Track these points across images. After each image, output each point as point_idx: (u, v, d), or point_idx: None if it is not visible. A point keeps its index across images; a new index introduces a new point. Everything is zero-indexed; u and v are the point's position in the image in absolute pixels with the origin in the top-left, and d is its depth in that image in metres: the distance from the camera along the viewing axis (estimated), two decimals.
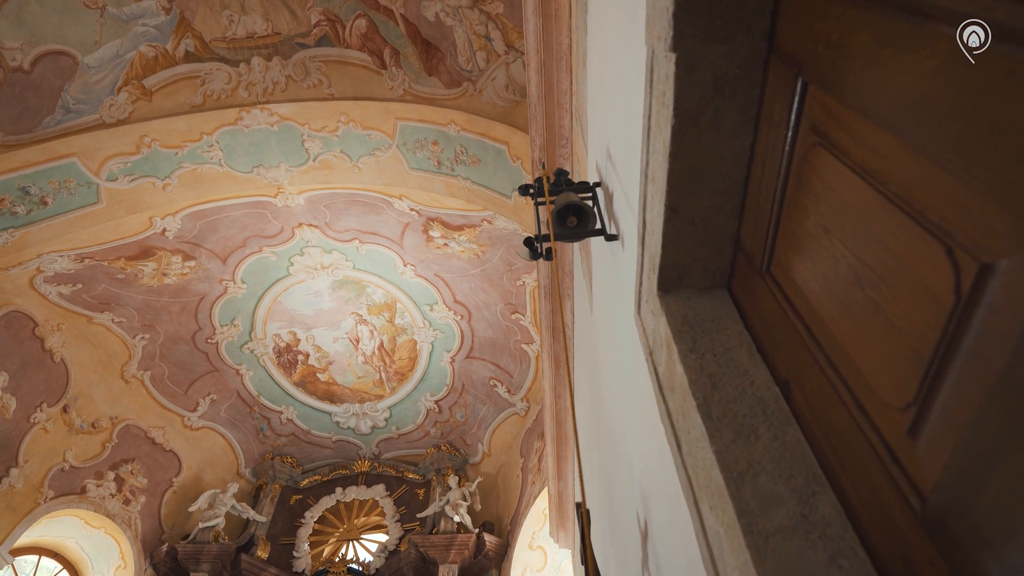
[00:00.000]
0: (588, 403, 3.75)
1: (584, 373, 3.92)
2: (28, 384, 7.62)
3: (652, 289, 1.51)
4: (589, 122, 2.62)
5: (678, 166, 1.29)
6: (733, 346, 1.28)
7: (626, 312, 1.92)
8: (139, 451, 9.05)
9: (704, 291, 1.46)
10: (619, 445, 2.34)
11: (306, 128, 7.01)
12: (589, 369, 3.58)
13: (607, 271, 2.31)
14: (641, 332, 1.65)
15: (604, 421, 2.80)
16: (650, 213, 1.46)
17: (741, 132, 1.25)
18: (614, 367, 2.31)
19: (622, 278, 1.98)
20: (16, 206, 6.64)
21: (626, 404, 2.10)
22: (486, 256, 8.23)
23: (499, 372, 9.54)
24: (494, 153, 6.20)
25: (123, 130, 6.73)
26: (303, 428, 10.46)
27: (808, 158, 1.03)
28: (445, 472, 9.73)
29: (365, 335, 9.62)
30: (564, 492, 5.80)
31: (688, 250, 1.40)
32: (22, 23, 6.24)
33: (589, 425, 3.74)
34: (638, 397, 1.84)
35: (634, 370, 1.88)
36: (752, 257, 1.31)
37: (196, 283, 8.73)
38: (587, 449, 4.18)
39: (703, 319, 1.37)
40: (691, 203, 1.34)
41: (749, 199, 1.31)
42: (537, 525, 8.15)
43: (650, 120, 1.39)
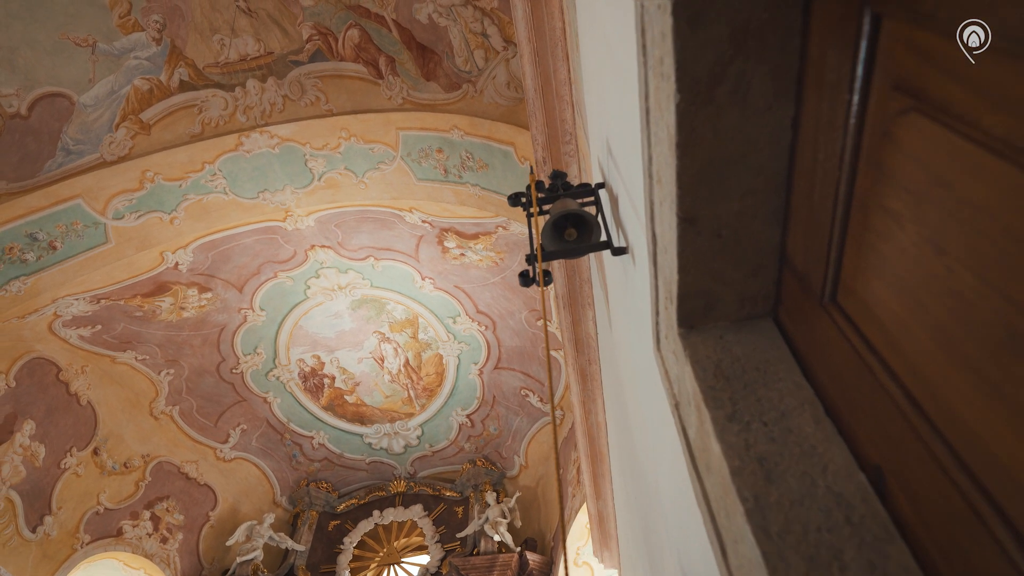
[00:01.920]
0: (618, 426, 3.37)
1: (612, 392, 3.55)
2: (56, 430, 7.57)
3: (671, 324, 1.14)
4: (588, 112, 2.25)
5: (691, 161, 0.92)
6: (791, 408, 0.90)
7: (644, 343, 1.55)
8: (173, 487, 8.96)
9: (741, 325, 1.08)
10: (653, 493, 1.96)
11: (307, 147, 6.78)
12: (615, 388, 3.20)
13: (620, 288, 1.94)
14: (663, 375, 1.28)
15: (635, 455, 2.43)
16: (660, 225, 1.10)
17: (777, 104, 0.88)
18: (639, 402, 1.93)
19: (636, 300, 1.61)
20: (26, 253, 6.56)
21: (656, 450, 1.73)
22: (505, 263, 7.89)
23: (529, 381, 9.18)
24: (501, 156, 5.86)
25: (125, 167, 6.60)
26: (336, 452, 10.27)
27: (893, 133, 0.66)
28: (482, 488, 9.41)
29: (389, 353, 9.37)
30: (604, 512, 5.41)
31: (715, 272, 1.03)
32: (15, 68, 6.15)
33: (621, 450, 3.36)
34: (668, 451, 1.47)
35: (660, 415, 1.51)
36: (807, 279, 0.93)
37: (215, 314, 8.59)
38: (620, 473, 3.80)
39: (743, 367, 0.99)
40: (713, 210, 0.97)
41: (796, 197, 0.93)
42: (581, 540, 7.76)
43: (648, 100, 1.02)
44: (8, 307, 6.72)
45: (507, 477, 9.74)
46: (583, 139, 2.83)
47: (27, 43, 6.06)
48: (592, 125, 2.17)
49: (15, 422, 7.09)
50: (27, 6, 5.91)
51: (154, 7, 6.22)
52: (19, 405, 7.16)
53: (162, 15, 6.26)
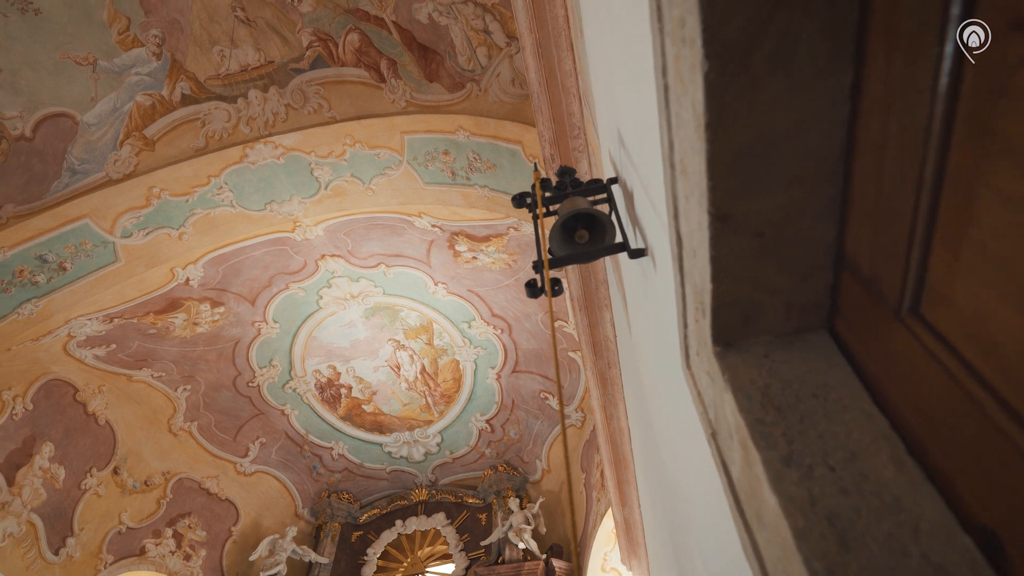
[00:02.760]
0: (642, 433, 3.18)
1: (634, 397, 3.36)
2: (75, 451, 7.55)
3: (704, 340, 0.96)
4: (596, 102, 2.07)
5: (724, 145, 0.74)
6: (863, 447, 0.72)
7: (669, 357, 1.37)
8: (195, 504, 8.92)
9: (789, 340, 0.90)
10: (684, 516, 1.78)
11: (313, 156, 6.67)
12: (638, 395, 3.02)
13: (639, 292, 1.76)
14: (695, 396, 1.10)
15: (662, 470, 2.24)
16: (686, 224, 0.92)
17: (831, 69, 0.70)
18: (665, 416, 1.75)
19: (658, 308, 1.43)
20: (36, 276, 6.53)
21: (686, 472, 1.55)
22: (518, 264, 7.72)
23: (548, 383, 9.01)
24: (508, 155, 5.69)
25: (131, 184, 6.54)
26: (356, 462, 10.18)
27: (1011, 88, 0.48)
28: (505, 494, 9.25)
29: (405, 361, 9.25)
30: (631, 519, 5.22)
31: (756, 279, 0.85)
32: (18, 90, 6.12)
33: (646, 459, 3.18)
34: (702, 479, 1.29)
35: (691, 438, 1.33)
36: (876, 284, 0.75)
37: (228, 328, 8.53)
38: (645, 481, 3.62)
39: (797, 393, 0.81)
40: (752, 204, 0.79)
41: (858, 184, 0.75)
42: (608, 546, 7.57)
43: (666, 75, 0.85)
44: (21, 330, 6.69)
45: (530, 482, 9.57)
46: (592, 132, 2.66)
47: (28, 64, 6.03)
48: (601, 115, 1.99)
49: (34, 445, 7.08)
50: (26, 27, 5.87)
51: (152, 22, 6.15)
52: (37, 427, 7.14)
53: (161, 29, 6.19)
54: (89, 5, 5.93)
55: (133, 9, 6.03)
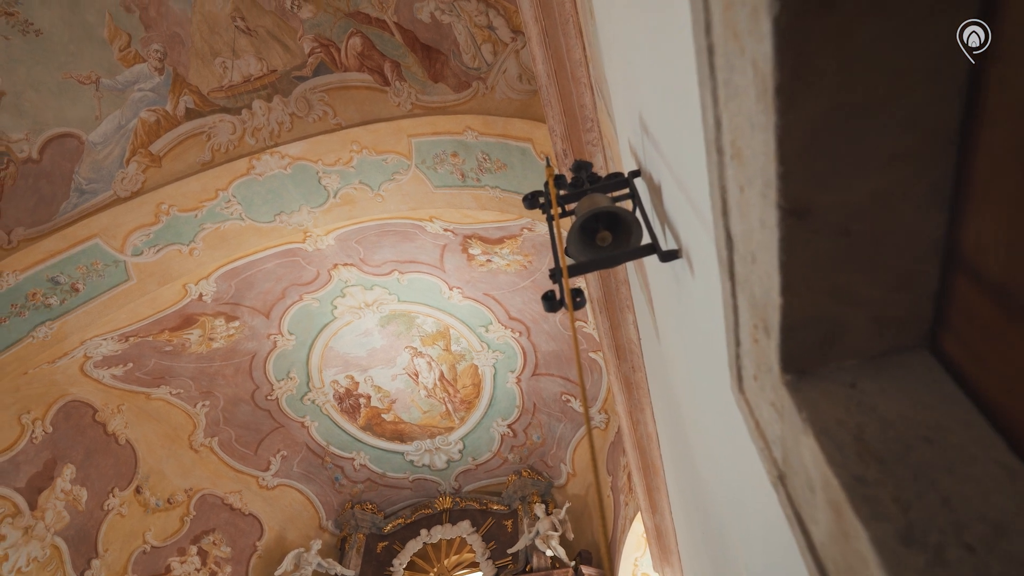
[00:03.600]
0: (673, 443, 2.98)
1: (663, 404, 3.16)
2: (96, 472, 7.51)
3: (768, 365, 0.77)
4: (611, 88, 1.88)
5: (802, 115, 0.56)
6: (1010, 516, 0.53)
7: (713, 376, 1.18)
8: (219, 520, 8.86)
9: (880, 364, 0.71)
10: (731, 552, 1.59)
11: (319, 164, 6.55)
12: (667, 401, 2.82)
13: (670, 298, 1.57)
14: (751, 427, 0.91)
15: (700, 492, 2.05)
16: (741, 221, 0.73)
17: (950, 2, 0.51)
18: (707, 440, 1.56)
19: (696, 318, 1.24)
20: (49, 298, 6.49)
21: (734, 505, 1.35)
22: (534, 265, 7.54)
23: (570, 386, 8.81)
24: (519, 154, 5.51)
25: (139, 201, 6.47)
26: (378, 472, 10.06)
27: None
28: (530, 499, 9.07)
29: (423, 368, 9.11)
30: (662, 526, 5.01)
31: (839, 289, 0.66)
32: (23, 113, 6.08)
33: (679, 470, 2.98)
34: (758, 520, 1.10)
35: (743, 471, 1.13)
36: (1006, 291, 0.55)
37: (244, 342, 8.46)
38: (678, 491, 3.41)
39: (904, 438, 0.62)
40: (837, 194, 0.60)
41: (984, 159, 0.56)
42: (638, 551, 7.36)
43: (711, 32, 0.66)
44: (37, 353, 6.66)
45: (555, 487, 9.38)
46: (607, 123, 2.47)
47: (31, 86, 5.99)
48: (618, 102, 1.81)
49: (55, 467, 7.05)
50: (28, 49, 5.82)
51: (153, 37, 6.08)
52: (58, 450, 7.11)
53: (162, 44, 6.12)
54: (89, 23, 5.87)
55: (133, 25, 5.96)
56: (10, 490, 6.54)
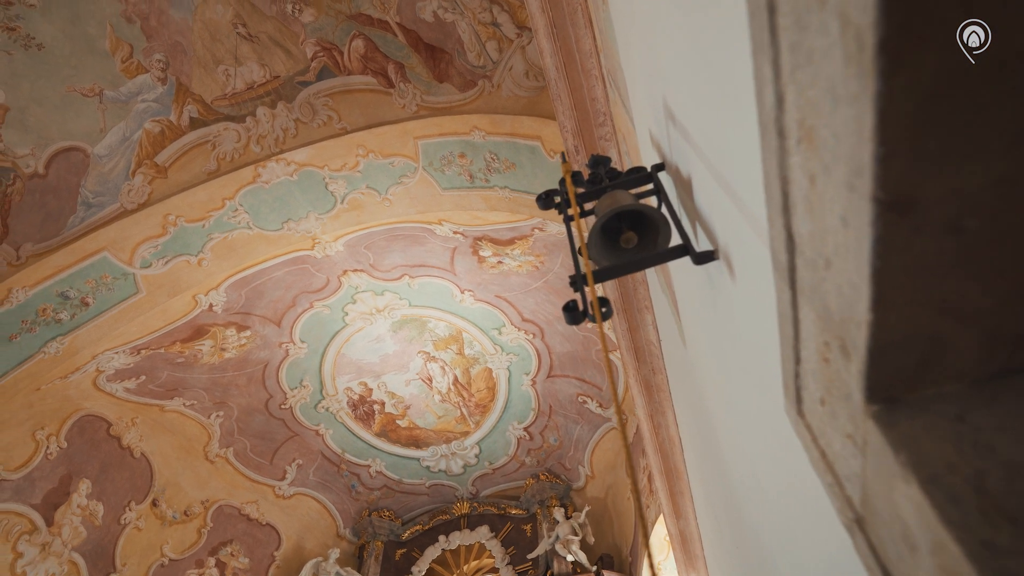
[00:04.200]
0: (699, 449, 2.84)
1: (686, 408, 3.02)
2: (112, 486, 7.48)
3: (845, 392, 0.64)
4: (627, 76, 1.75)
5: (911, 78, 0.42)
6: None
7: (762, 393, 1.05)
8: (236, 530, 8.81)
9: (991, 388, 0.57)
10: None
11: (326, 170, 6.46)
12: (693, 408, 2.68)
13: (701, 303, 1.44)
14: (816, 459, 0.78)
15: (739, 509, 1.91)
16: (809, 219, 0.60)
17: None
18: (748, 462, 1.42)
19: (737, 327, 1.11)
20: (59, 313, 6.45)
21: (789, 540, 1.22)
22: (546, 266, 7.41)
23: (586, 387, 8.67)
24: (528, 152, 5.38)
25: (146, 213, 6.41)
26: (394, 478, 9.97)
27: None
28: (549, 503, 8.94)
29: (437, 372, 9.01)
30: (687, 531, 4.86)
31: (945, 300, 0.53)
32: (27, 128, 6.05)
33: (707, 478, 2.83)
34: (817, 560, 0.96)
35: (804, 505, 1.00)
36: None
37: (256, 352, 8.40)
38: (705, 498, 3.27)
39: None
40: (949, 182, 0.47)
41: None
42: (661, 554, 7.20)
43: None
44: (49, 369, 6.63)
45: (573, 489, 9.24)
46: (622, 116, 2.33)
47: (35, 100, 5.95)
48: (636, 91, 1.67)
49: (71, 483, 7.02)
50: (31, 63, 5.78)
51: (155, 47, 6.02)
52: (73, 465, 7.08)
53: (164, 53, 6.05)
54: (90, 35, 5.81)
55: (134, 35, 5.90)
56: (26, 507, 6.51)
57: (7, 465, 6.46)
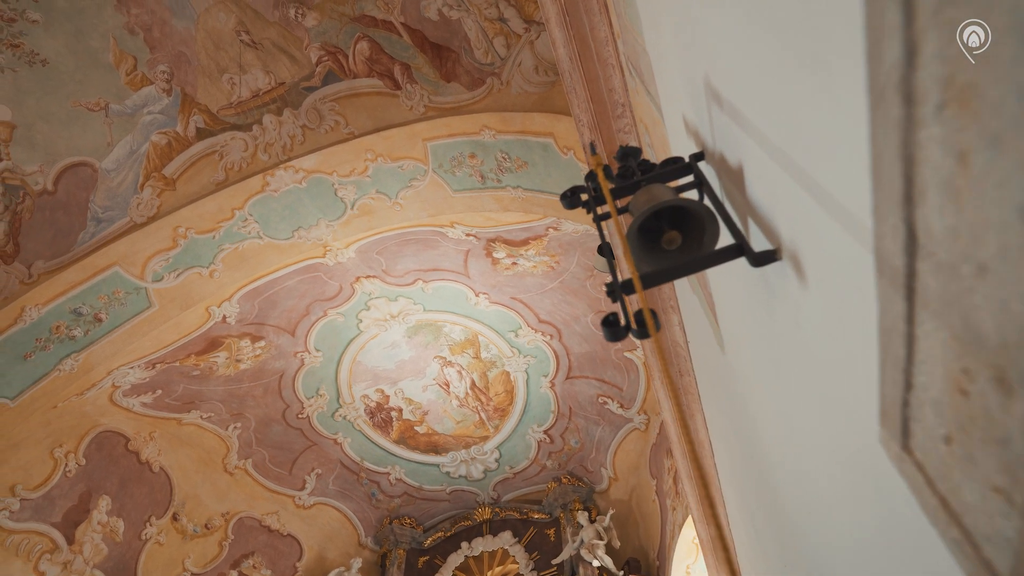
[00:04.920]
0: (735, 453, 2.68)
1: (718, 413, 2.86)
2: (132, 501, 7.44)
3: (1001, 436, 0.49)
4: (653, 59, 1.59)
5: None
6: None
7: (844, 417, 0.89)
8: (257, 542, 8.75)
9: None
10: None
11: (335, 176, 6.36)
12: (729, 414, 2.52)
13: (754, 307, 1.28)
14: (934, 507, 0.63)
15: (788, 529, 1.75)
16: (948, 211, 0.45)
17: None
18: (811, 486, 1.26)
19: (806, 339, 0.95)
20: (72, 330, 6.41)
21: None
22: (562, 266, 7.26)
23: (606, 387, 8.50)
24: (540, 150, 5.23)
25: (156, 226, 6.35)
26: (414, 485, 9.87)
27: None
28: (572, 506, 8.79)
29: (454, 377, 8.89)
30: (718, 537, 4.68)
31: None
32: (35, 145, 6.00)
33: (743, 483, 2.67)
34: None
35: (906, 551, 0.84)
36: None
37: (271, 362, 8.33)
38: (739, 503, 3.10)
39: None
40: None
41: None
42: (690, 557, 7.02)
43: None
44: (65, 386, 6.59)
45: (596, 492, 9.08)
46: (643, 106, 2.18)
47: (41, 117, 5.90)
48: (665, 74, 1.52)
49: (90, 500, 6.98)
50: (36, 80, 5.74)
51: (159, 58, 5.95)
52: (92, 482, 7.05)
53: (168, 64, 5.99)
54: (94, 49, 5.75)
55: (138, 47, 5.84)
56: (47, 526, 6.48)
57: (26, 484, 6.43)
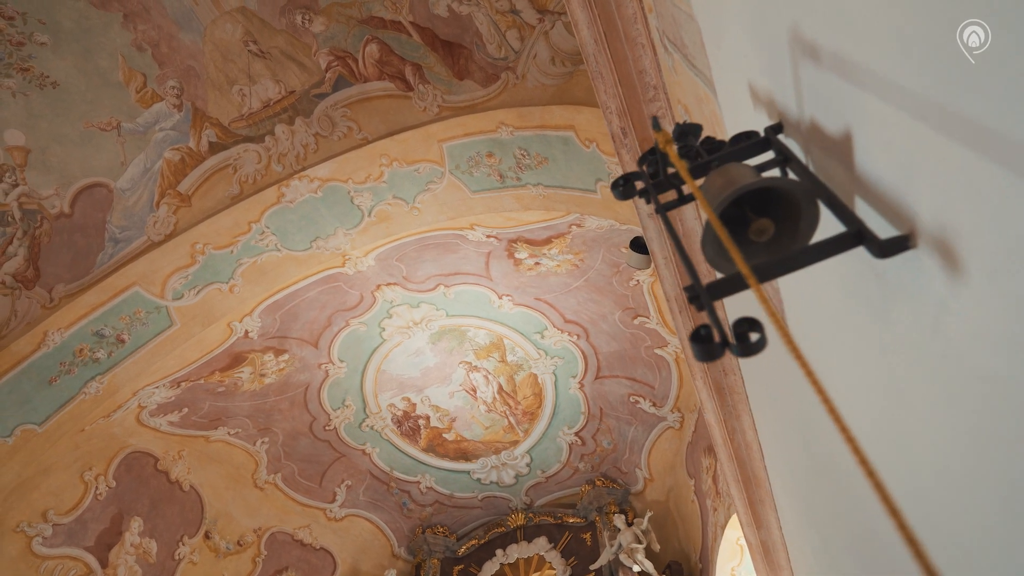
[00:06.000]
0: (792, 459, 2.45)
1: (769, 412, 2.63)
2: (164, 522, 7.39)
3: None
4: (707, 24, 1.38)
5: None
6: None
7: (1009, 444, 0.68)
8: (291, 557, 8.67)
9: None
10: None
11: (350, 184, 6.23)
12: (790, 420, 2.29)
13: (846, 302, 1.07)
14: None
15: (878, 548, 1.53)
16: None
17: None
18: (936, 506, 1.05)
19: (949, 342, 0.74)
20: (96, 352, 6.36)
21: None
22: (586, 264, 7.04)
23: (637, 386, 8.26)
24: (561, 144, 5.03)
25: (173, 244, 6.28)
26: (445, 493, 9.72)
27: None
28: (607, 509, 8.56)
29: (480, 382, 8.72)
30: (769, 541, 4.44)
31: None
32: (49, 168, 5.97)
33: (800, 487, 2.44)
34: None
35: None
36: None
37: (296, 375, 8.24)
38: (795, 508, 2.87)
39: None
40: None
41: None
42: (735, 559, 6.76)
43: None
44: (91, 409, 6.55)
45: (632, 493, 8.84)
46: (684, 84, 1.96)
47: (55, 140, 5.86)
48: (725, 37, 1.31)
49: (122, 522, 6.94)
50: (47, 103, 5.69)
51: (168, 73, 5.87)
52: (123, 504, 7.00)
53: (177, 79, 5.91)
54: (103, 68, 5.69)
55: (147, 64, 5.76)
56: (80, 550, 6.44)
57: (58, 509, 6.40)
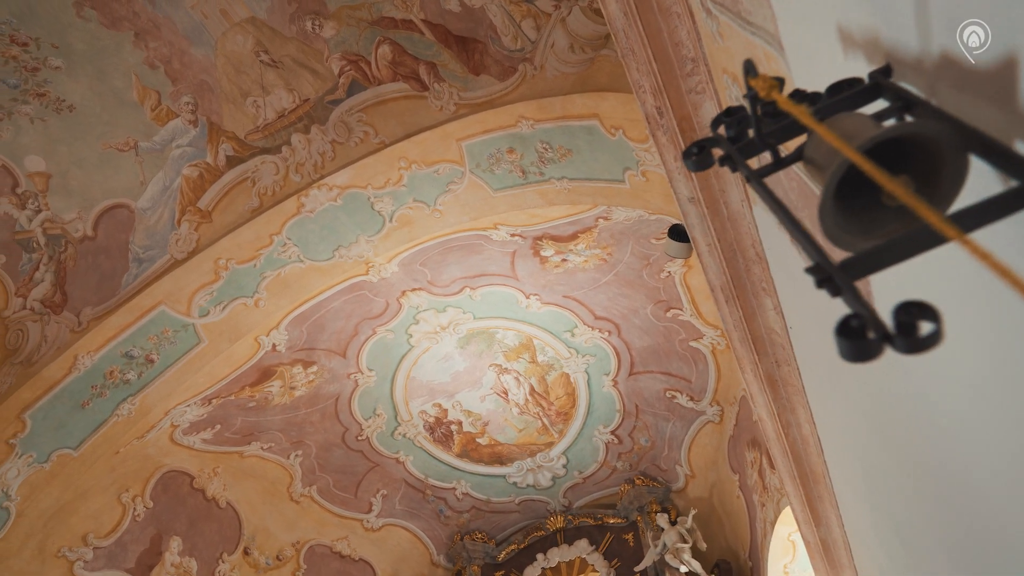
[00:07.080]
0: (859, 453, 2.24)
1: (838, 408, 2.42)
2: (202, 540, 7.37)
3: None
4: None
5: None
6: None
7: None
8: (330, 570, 8.62)
9: None
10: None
11: (369, 189, 6.12)
12: (862, 413, 2.08)
13: (973, 284, 0.87)
14: None
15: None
16: None
17: None
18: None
19: None
20: (126, 374, 6.35)
21: None
22: (615, 257, 6.84)
23: (673, 380, 8.02)
24: (585, 135, 4.84)
25: (197, 261, 6.25)
26: (481, 498, 9.58)
27: None
28: (649, 508, 8.34)
29: (511, 384, 8.56)
30: (828, 539, 4.20)
31: None
32: (71, 192, 5.97)
33: (874, 484, 2.23)
34: None
35: None
36: None
37: (325, 386, 8.17)
38: (861, 505, 2.65)
39: None
40: None
41: None
42: (787, 556, 6.49)
43: None
44: (125, 431, 6.54)
45: (673, 491, 8.60)
46: (735, 50, 1.77)
47: (74, 163, 5.86)
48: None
49: (161, 542, 6.93)
50: (65, 127, 5.69)
51: (182, 89, 5.83)
52: (161, 524, 6.99)
53: (192, 95, 5.87)
54: (118, 88, 5.67)
55: (160, 81, 5.73)
56: (121, 572, 6.44)
57: (97, 532, 6.40)
